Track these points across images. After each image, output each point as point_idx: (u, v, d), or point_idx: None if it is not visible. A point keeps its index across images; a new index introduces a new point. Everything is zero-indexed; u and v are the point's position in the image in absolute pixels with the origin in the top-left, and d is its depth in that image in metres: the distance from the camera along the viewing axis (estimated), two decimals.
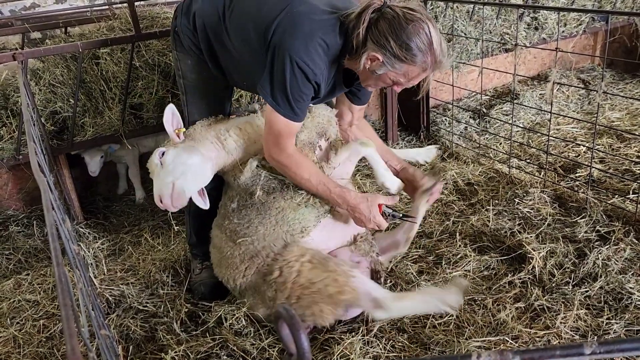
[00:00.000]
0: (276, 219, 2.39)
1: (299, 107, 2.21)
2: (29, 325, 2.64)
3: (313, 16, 2.13)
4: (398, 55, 2.06)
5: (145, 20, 3.82)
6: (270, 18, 2.16)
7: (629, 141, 3.95)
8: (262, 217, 2.40)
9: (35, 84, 3.42)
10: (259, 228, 2.39)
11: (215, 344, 2.40)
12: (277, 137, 2.26)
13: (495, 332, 2.34)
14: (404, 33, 2.03)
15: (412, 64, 2.10)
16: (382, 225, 2.37)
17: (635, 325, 2.28)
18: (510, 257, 2.82)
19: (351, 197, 2.34)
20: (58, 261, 0.96)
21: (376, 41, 2.07)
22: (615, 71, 5.54)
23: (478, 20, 4.34)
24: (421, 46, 2.06)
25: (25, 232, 3.53)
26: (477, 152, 4.03)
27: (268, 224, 2.38)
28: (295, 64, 2.09)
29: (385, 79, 2.18)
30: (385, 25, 2.05)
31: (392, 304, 2.21)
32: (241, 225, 2.42)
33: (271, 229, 2.38)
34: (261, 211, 2.41)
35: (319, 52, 2.12)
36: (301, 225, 2.40)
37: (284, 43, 2.10)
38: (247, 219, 2.42)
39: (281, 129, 2.24)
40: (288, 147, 2.29)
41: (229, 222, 2.46)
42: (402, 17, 2.04)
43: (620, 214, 3.02)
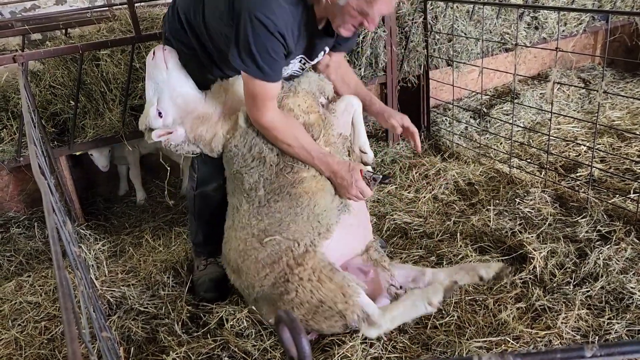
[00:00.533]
0: (308, 210, 2.35)
1: (268, 65, 2.18)
2: (30, 327, 2.64)
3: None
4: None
5: (146, 22, 3.83)
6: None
7: (629, 140, 3.95)
8: (294, 212, 2.35)
9: (36, 86, 3.43)
10: (290, 225, 2.34)
11: (216, 346, 2.40)
12: (254, 100, 2.26)
13: (496, 332, 2.34)
14: None
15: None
16: (364, 191, 2.36)
17: (637, 325, 2.28)
18: (511, 257, 2.82)
19: (334, 162, 2.35)
20: (59, 264, 0.97)
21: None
22: (616, 70, 5.54)
23: (478, 20, 4.34)
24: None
25: (27, 234, 3.54)
26: (478, 152, 4.03)
27: (300, 220, 2.34)
28: (255, 19, 2.08)
29: (349, 10, 2.14)
30: None
31: (382, 318, 2.23)
32: (272, 225, 2.36)
33: (302, 224, 2.34)
34: (292, 203, 2.36)
35: (279, 2, 2.10)
36: (326, 222, 2.38)
37: (242, 4, 2.10)
38: (278, 216, 2.36)
39: (256, 91, 2.23)
40: (268, 109, 2.28)
41: (258, 222, 2.38)
42: None
43: (621, 213, 3.02)
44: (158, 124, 2.48)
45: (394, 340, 2.33)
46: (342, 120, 2.54)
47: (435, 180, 3.68)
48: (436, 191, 3.54)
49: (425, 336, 2.36)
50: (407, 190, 3.61)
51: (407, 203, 3.48)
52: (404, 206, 3.43)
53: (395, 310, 2.28)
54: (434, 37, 4.19)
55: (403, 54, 4.12)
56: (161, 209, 3.87)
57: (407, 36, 4.08)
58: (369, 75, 4.02)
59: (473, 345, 2.25)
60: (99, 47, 3.31)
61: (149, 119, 2.49)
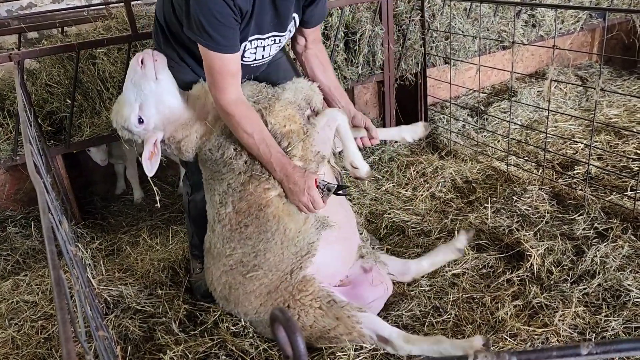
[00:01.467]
0: (279, 235, 2.25)
1: (219, 33, 2.06)
2: (27, 327, 2.63)
3: None
4: None
5: (142, 20, 3.81)
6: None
7: (626, 138, 3.95)
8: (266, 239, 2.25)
9: (32, 84, 3.42)
10: (267, 255, 2.26)
11: (213, 344, 2.40)
12: (212, 76, 2.17)
13: (493, 330, 2.34)
14: None
15: None
16: (316, 200, 2.20)
17: (634, 323, 2.28)
18: (508, 254, 2.82)
19: (290, 165, 2.21)
20: (54, 264, 0.96)
21: None
22: (613, 68, 5.54)
23: (475, 17, 4.33)
24: None
25: (23, 233, 3.53)
26: (475, 149, 4.03)
27: (275, 248, 2.26)
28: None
29: None
30: None
31: (401, 344, 2.18)
32: (247, 255, 2.29)
33: (279, 253, 2.26)
34: (261, 228, 2.26)
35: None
36: (306, 242, 2.30)
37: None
38: (250, 244, 2.28)
39: (213, 64, 2.14)
40: (228, 89, 2.18)
41: (232, 251, 2.31)
42: None
43: (618, 211, 3.03)
44: (137, 130, 2.37)
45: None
46: (322, 135, 2.35)
47: (432, 178, 3.68)
48: (434, 189, 3.54)
49: (423, 334, 2.36)
50: (404, 188, 3.61)
51: (404, 201, 3.48)
52: (402, 204, 3.43)
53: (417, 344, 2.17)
54: (431, 35, 4.18)
55: (400, 51, 4.12)
56: (158, 208, 3.85)
57: (405, 34, 4.08)
58: (366, 73, 4.01)
59: None
60: (95, 46, 3.30)
61: (128, 123, 2.36)
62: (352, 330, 2.21)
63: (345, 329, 2.21)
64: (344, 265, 2.49)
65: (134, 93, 2.33)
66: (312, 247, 2.31)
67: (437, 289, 2.64)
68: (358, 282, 2.44)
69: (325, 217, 2.36)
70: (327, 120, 2.37)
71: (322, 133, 2.35)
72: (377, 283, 2.44)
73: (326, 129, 2.37)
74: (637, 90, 4.97)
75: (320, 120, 2.37)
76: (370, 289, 2.41)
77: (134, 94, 2.33)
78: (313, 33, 2.53)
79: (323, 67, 2.58)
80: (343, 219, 2.51)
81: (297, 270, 2.28)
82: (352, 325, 2.21)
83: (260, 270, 2.27)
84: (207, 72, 2.21)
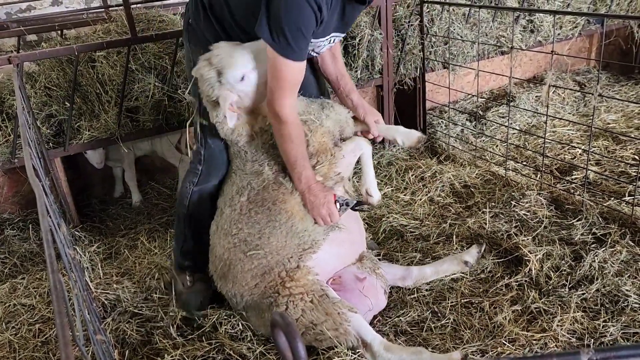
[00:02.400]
0: (286, 227, 2.36)
1: (298, 44, 2.10)
2: (24, 330, 2.62)
3: None
4: None
5: (142, 23, 3.82)
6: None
7: (624, 143, 3.96)
8: (273, 225, 2.36)
9: (31, 87, 3.42)
10: (271, 239, 2.35)
11: (211, 348, 2.39)
12: (277, 81, 2.19)
13: (492, 335, 2.34)
14: None
15: None
16: (333, 213, 2.35)
17: (632, 328, 2.28)
18: (506, 259, 2.82)
19: (314, 180, 2.34)
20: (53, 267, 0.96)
21: None
22: (611, 73, 5.56)
23: (474, 23, 4.35)
24: None
25: (21, 236, 3.52)
26: (474, 154, 4.03)
27: (279, 235, 2.35)
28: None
29: None
30: None
31: (381, 351, 2.20)
32: (252, 236, 2.37)
33: (283, 240, 2.35)
34: (271, 216, 2.37)
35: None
36: (311, 238, 2.38)
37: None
38: (257, 227, 2.37)
39: (282, 70, 2.15)
40: (291, 97, 2.23)
41: (238, 231, 2.40)
42: None
43: (616, 216, 3.03)
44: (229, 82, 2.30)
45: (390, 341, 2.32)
46: (346, 160, 2.51)
47: (431, 182, 3.68)
48: (432, 193, 3.55)
49: (421, 338, 2.36)
50: (403, 193, 3.61)
51: (403, 205, 3.48)
52: (400, 208, 3.43)
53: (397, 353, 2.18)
54: (430, 39, 4.20)
55: (399, 56, 4.13)
56: (157, 211, 3.86)
57: (404, 39, 4.09)
58: (365, 77, 4.02)
59: (469, 350, 2.24)
60: (95, 49, 3.31)
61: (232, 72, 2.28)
62: (339, 327, 2.22)
63: (333, 325, 2.23)
64: (342, 265, 2.55)
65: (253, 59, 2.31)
66: (316, 245, 2.39)
67: (436, 294, 2.64)
68: (349, 287, 2.46)
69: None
70: (354, 148, 2.54)
71: (347, 158, 2.51)
72: (368, 293, 2.44)
73: (351, 155, 2.54)
74: (635, 95, 4.99)
75: (347, 146, 2.53)
76: (359, 297, 2.41)
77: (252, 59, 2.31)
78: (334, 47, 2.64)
79: (333, 56, 2.66)
80: (354, 224, 2.61)
81: (296, 259, 2.34)
82: (340, 322, 2.23)
83: (261, 250, 2.35)
84: (271, 76, 2.20)
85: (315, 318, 2.24)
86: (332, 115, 2.51)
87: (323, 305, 2.25)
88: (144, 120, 3.54)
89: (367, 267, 2.56)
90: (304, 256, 2.35)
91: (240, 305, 2.45)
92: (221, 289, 2.51)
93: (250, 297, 2.38)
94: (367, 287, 2.45)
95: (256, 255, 2.35)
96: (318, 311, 2.24)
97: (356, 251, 2.62)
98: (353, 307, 2.28)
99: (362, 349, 2.24)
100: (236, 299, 2.44)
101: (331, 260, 2.46)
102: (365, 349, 2.23)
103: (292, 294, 2.27)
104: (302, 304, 2.25)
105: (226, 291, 2.48)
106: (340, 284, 2.46)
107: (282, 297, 2.28)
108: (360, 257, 2.62)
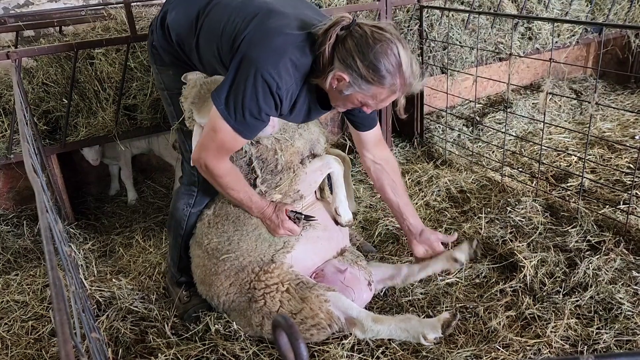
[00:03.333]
0: (254, 235, 2.42)
1: (252, 123, 2.08)
2: (17, 327, 2.61)
3: (285, 30, 2.02)
4: (365, 76, 1.96)
5: (141, 21, 3.81)
6: (240, 29, 2.05)
7: (619, 152, 3.99)
8: (240, 233, 2.41)
9: (28, 83, 3.40)
10: (241, 244, 2.41)
11: (205, 348, 2.39)
12: (218, 148, 2.14)
13: (486, 340, 2.35)
14: (371, 53, 1.92)
15: (380, 86, 1.99)
16: (292, 229, 2.40)
17: (625, 335, 2.29)
18: (501, 265, 2.83)
19: (266, 205, 2.38)
20: (52, 265, 0.96)
21: (343, 60, 1.96)
22: (607, 82, 5.60)
23: (473, 29, 4.37)
24: (389, 67, 1.95)
25: (15, 232, 3.50)
26: (470, 159, 4.05)
27: (249, 241, 2.42)
28: (260, 77, 1.96)
29: (353, 99, 2.07)
30: (352, 43, 1.94)
31: (369, 324, 2.24)
32: (222, 244, 2.44)
33: (253, 245, 2.41)
34: (238, 227, 2.43)
35: (288, 69, 2.00)
36: (282, 240, 2.43)
37: (251, 54, 1.98)
38: (225, 236, 2.44)
39: (226, 141, 2.11)
40: (226, 160, 2.23)
41: (209, 242, 2.47)
42: (370, 36, 1.94)
43: (610, 224, 3.05)
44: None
45: (383, 345, 2.33)
46: (310, 177, 2.50)
47: (427, 187, 3.69)
48: (428, 198, 3.56)
49: (416, 342, 2.36)
50: None
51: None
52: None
53: (386, 323, 2.26)
54: (429, 44, 4.21)
55: None
56: (152, 210, 3.84)
57: None
58: None
59: (463, 356, 2.25)
60: (93, 46, 3.29)
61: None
62: (319, 311, 2.23)
63: (311, 311, 2.24)
64: (321, 260, 2.58)
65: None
66: (289, 245, 2.43)
67: (431, 298, 2.64)
68: (331, 279, 2.49)
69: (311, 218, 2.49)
70: (321, 166, 2.54)
71: (310, 176, 2.51)
72: (350, 284, 2.46)
73: (317, 173, 2.53)
74: (631, 104, 5.02)
75: (313, 164, 2.52)
76: (341, 288, 2.43)
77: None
78: (373, 136, 2.56)
79: (394, 183, 2.63)
80: (330, 220, 2.62)
81: (269, 258, 2.39)
82: (320, 305, 2.23)
83: (232, 254, 2.40)
84: (211, 139, 2.13)
85: (294, 307, 2.26)
86: (305, 134, 2.52)
87: (299, 293, 2.27)
88: (141, 118, 3.53)
89: (349, 260, 2.59)
90: (277, 255, 2.40)
91: (220, 307, 2.50)
92: (201, 293, 2.55)
93: (226, 297, 2.43)
94: (348, 278, 2.48)
95: (228, 258, 2.40)
96: (295, 300, 2.27)
97: (335, 246, 2.64)
98: (330, 287, 2.31)
99: (350, 328, 2.25)
100: (214, 301, 2.49)
101: (308, 257, 2.50)
102: (353, 326, 2.24)
103: (267, 285, 2.30)
104: (279, 295, 2.28)
105: (205, 294, 2.52)
106: (322, 277, 2.50)
107: (259, 291, 2.31)
108: (342, 251, 2.65)
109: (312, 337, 2.31)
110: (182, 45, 2.33)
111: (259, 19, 2.07)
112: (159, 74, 2.51)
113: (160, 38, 2.39)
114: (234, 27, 2.09)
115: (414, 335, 2.23)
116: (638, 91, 5.30)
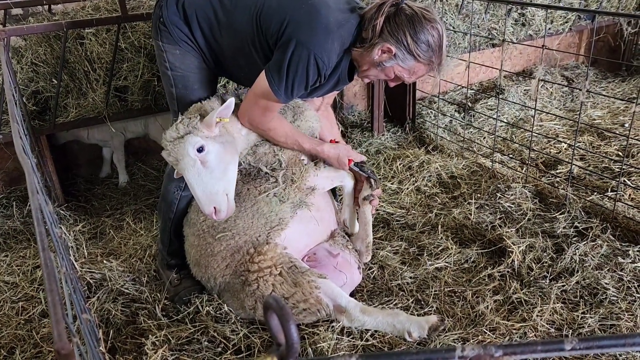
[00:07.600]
0: (252, 211, 2.42)
1: (297, 93, 2.26)
2: (7, 308, 2.61)
3: (328, 2, 2.17)
4: (411, 51, 2.13)
5: (132, 1, 3.76)
6: (283, 11, 2.16)
7: (609, 140, 4.02)
8: (238, 210, 2.40)
9: (17, 62, 3.35)
10: (237, 222, 2.41)
11: (196, 330, 2.40)
12: (264, 111, 2.32)
13: (473, 323, 2.38)
14: (421, 30, 2.11)
15: (421, 62, 2.17)
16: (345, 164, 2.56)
17: (610, 320, 2.34)
18: (490, 250, 2.86)
19: (323, 150, 2.53)
20: (44, 246, 0.96)
21: (393, 33, 2.12)
22: (599, 69, 5.62)
23: (467, 14, 4.35)
24: (433, 46, 2.15)
25: (5, 213, 3.48)
26: (461, 145, 4.06)
27: (245, 217, 2.41)
28: (313, 59, 2.12)
29: (389, 72, 2.23)
30: (404, 19, 2.11)
31: (357, 314, 2.27)
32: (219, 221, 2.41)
33: (249, 221, 2.41)
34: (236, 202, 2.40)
35: (335, 48, 2.16)
36: (278, 217, 2.44)
37: (302, 38, 2.10)
38: None
39: (270, 106, 2.30)
40: (273, 117, 2.38)
41: (204, 219, 2.46)
42: (421, 15, 2.12)
43: (598, 211, 3.09)
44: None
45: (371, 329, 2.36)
46: (320, 181, 2.57)
47: (418, 172, 3.70)
48: (419, 183, 3.57)
49: None
50: (390, 182, 3.64)
51: (390, 194, 3.50)
52: (387, 197, 3.45)
53: (373, 315, 2.28)
54: None
55: None
56: (143, 192, 3.83)
57: None
58: None
59: (451, 338, 2.28)
60: (83, 26, 3.25)
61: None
62: (309, 297, 2.27)
63: (302, 296, 2.27)
64: (313, 242, 2.62)
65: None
66: (283, 222, 2.44)
67: (420, 282, 2.67)
68: (324, 263, 2.51)
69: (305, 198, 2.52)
70: (334, 176, 2.64)
71: (321, 180, 2.58)
72: (342, 269, 2.49)
73: (327, 180, 2.62)
74: (621, 92, 5.05)
75: (327, 171, 2.61)
76: (334, 273, 2.46)
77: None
78: (331, 97, 2.84)
79: (330, 126, 2.81)
80: (323, 202, 2.66)
81: (264, 237, 2.40)
82: (310, 290, 2.27)
83: (228, 232, 2.41)
84: (258, 106, 2.30)
85: (286, 291, 2.29)
86: (303, 124, 2.59)
87: (292, 277, 2.30)
88: (132, 100, 3.51)
89: (340, 244, 2.63)
90: (272, 234, 2.41)
91: (216, 289, 2.50)
92: (196, 275, 2.54)
93: (222, 279, 2.43)
94: (340, 263, 2.51)
95: (224, 237, 2.40)
96: (287, 283, 2.29)
97: (327, 228, 2.69)
98: (322, 274, 2.33)
99: (338, 316, 2.29)
100: (210, 283, 2.49)
101: (301, 237, 2.53)
102: (341, 314, 2.28)
103: (261, 268, 2.31)
104: (271, 279, 2.30)
105: (201, 277, 2.52)
106: (315, 261, 2.52)
107: (252, 273, 2.32)
108: (332, 235, 2.69)
109: (304, 319, 2.34)
110: (201, 24, 2.35)
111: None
112: (164, 52, 2.42)
113: (173, 15, 2.35)
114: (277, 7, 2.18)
115: (399, 330, 2.25)
116: (629, 79, 5.33)
